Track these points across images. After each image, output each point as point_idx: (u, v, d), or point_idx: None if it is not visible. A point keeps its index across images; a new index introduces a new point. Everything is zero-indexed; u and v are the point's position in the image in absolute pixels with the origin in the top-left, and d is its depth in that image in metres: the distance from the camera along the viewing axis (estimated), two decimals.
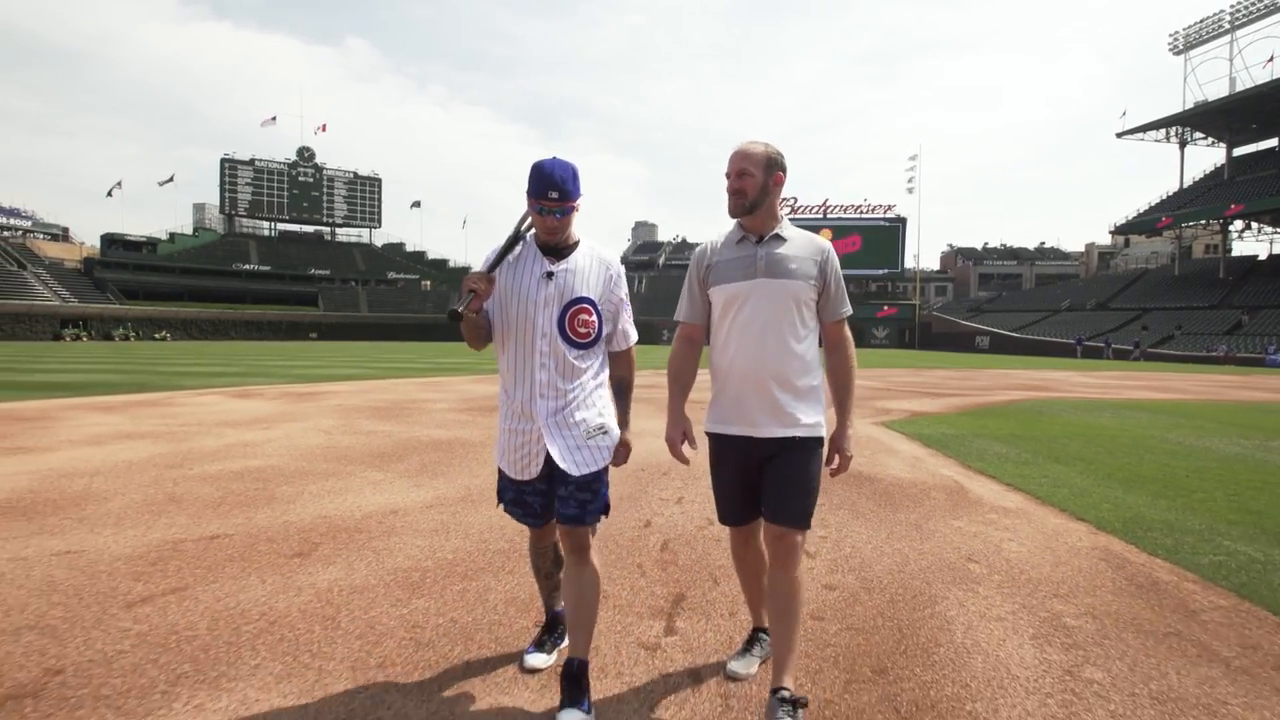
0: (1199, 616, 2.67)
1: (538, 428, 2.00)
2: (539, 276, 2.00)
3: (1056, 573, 3.16)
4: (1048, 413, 9.95)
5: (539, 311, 1.99)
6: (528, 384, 2.01)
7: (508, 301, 2.02)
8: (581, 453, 2.02)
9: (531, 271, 2.02)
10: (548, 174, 1.93)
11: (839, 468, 2.06)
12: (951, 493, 4.74)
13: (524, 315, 2.00)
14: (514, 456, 2.05)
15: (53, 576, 2.94)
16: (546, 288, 2.00)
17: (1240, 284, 52.71)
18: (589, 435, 2.04)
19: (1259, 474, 5.45)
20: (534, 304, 1.99)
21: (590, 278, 2.06)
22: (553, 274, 2.01)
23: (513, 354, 2.03)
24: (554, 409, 2.01)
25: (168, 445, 6.21)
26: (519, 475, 2.07)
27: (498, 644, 2.41)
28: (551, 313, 2.00)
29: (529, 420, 2.01)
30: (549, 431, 2.00)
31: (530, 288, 2.00)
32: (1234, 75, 57.27)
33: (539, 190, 1.93)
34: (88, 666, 2.18)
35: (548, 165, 1.95)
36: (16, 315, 54.00)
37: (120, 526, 3.69)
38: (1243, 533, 3.78)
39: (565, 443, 2.01)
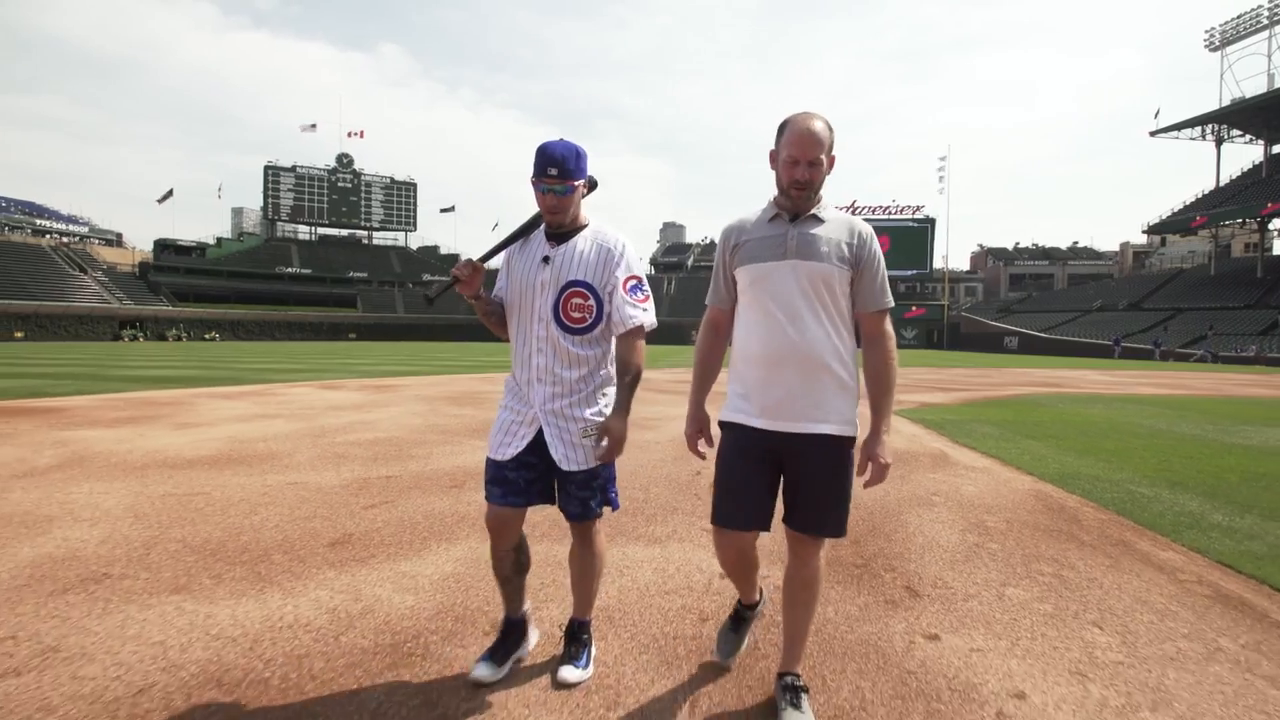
0: (1080, 523, 3.91)
1: (533, 412, 2.01)
2: (538, 261, 2.01)
3: (994, 501, 4.41)
4: (1045, 404, 11.03)
5: (536, 295, 2.00)
6: (527, 367, 2.03)
7: (513, 286, 2.05)
8: (574, 450, 2.00)
9: (534, 256, 2.03)
10: (549, 152, 1.93)
11: (873, 478, 1.86)
12: (936, 457, 5.97)
13: (525, 300, 2.02)
14: (500, 433, 2.05)
15: (301, 495, 4.37)
16: (543, 272, 1.99)
17: (1278, 283, 52.05)
18: (585, 434, 2.01)
19: (1198, 447, 6.56)
20: (532, 288, 2.00)
21: (589, 261, 2.01)
22: (549, 258, 2.00)
23: (516, 337, 2.06)
24: (551, 395, 2.00)
25: (302, 423, 7.71)
26: (498, 455, 2.03)
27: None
28: (548, 297, 1.99)
29: (526, 404, 2.03)
30: (544, 419, 2.00)
31: (530, 272, 2.01)
32: (1272, 71, 56.59)
33: (540, 168, 1.93)
34: (367, 533, 3.58)
35: (550, 144, 1.96)
36: (80, 317, 57.20)
37: (317, 470, 5.12)
38: (1148, 482, 4.97)
39: (560, 436, 2.00)
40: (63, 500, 4.13)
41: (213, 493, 4.38)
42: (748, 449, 1.87)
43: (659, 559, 3.22)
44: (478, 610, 2.60)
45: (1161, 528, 3.81)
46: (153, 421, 7.65)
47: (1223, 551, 3.38)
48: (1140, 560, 3.29)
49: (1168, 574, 3.10)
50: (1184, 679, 2.15)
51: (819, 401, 1.81)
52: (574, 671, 2.06)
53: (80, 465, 5.17)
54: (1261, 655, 2.32)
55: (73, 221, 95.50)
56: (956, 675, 2.16)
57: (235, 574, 2.95)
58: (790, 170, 1.81)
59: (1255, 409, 10.78)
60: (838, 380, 1.83)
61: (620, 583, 2.90)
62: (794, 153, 1.79)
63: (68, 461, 5.30)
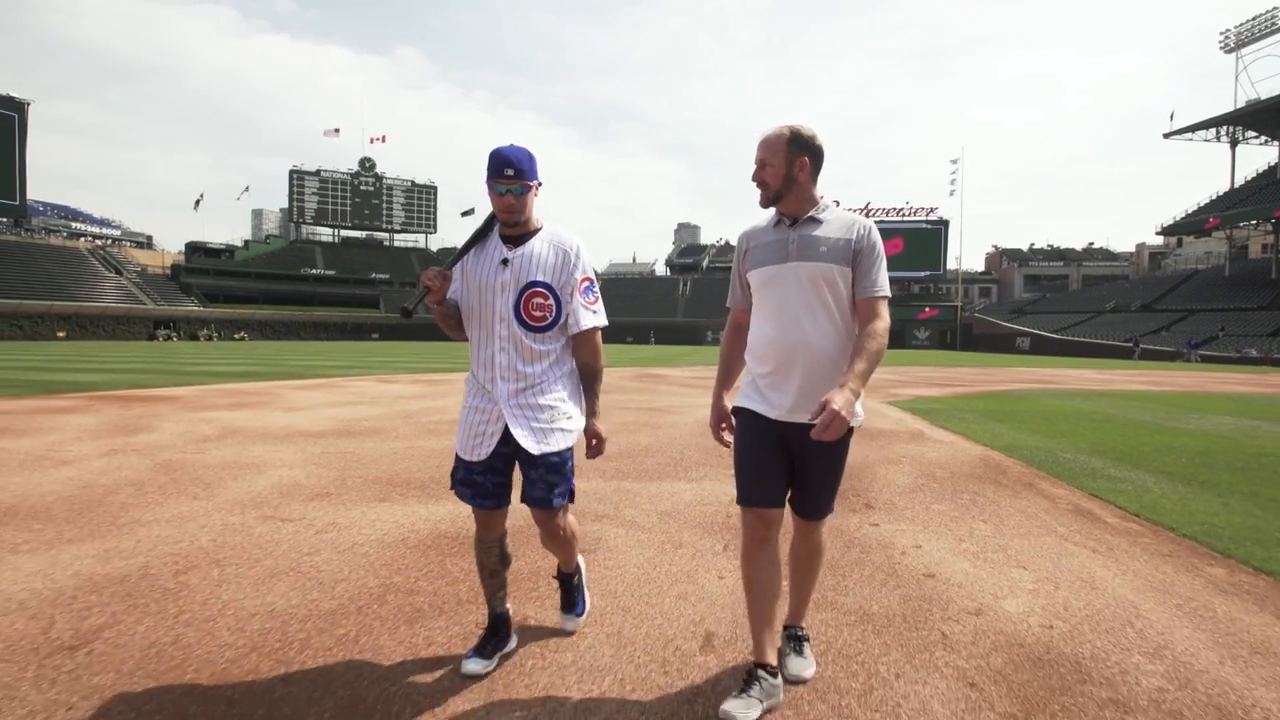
0: (1005, 473, 5.27)
1: (497, 408, 2.08)
2: (496, 263, 2.09)
3: (947, 461, 5.76)
4: (1028, 398, 12.30)
5: (496, 297, 2.08)
6: (489, 366, 2.10)
7: (471, 288, 2.12)
8: (546, 435, 2.09)
9: (491, 258, 2.10)
10: (503, 155, 2.01)
11: (820, 423, 1.73)
12: (913, 434, 7.32)
13: (484, 301, 2.09)
14: (468, 435, 2.12)
15: (423, 453, 5.81)
16: (503, 274, 2.07)
17: None
18: (552, 420, 2.10)
19: (1136, 429, 7.84)
20: (492, 290, 2.08)
21: (546, 262, 2.10)
22: (508, 260, 2.08)
23: (476, 337, 2.13)
24: (514, 390, 2.08)
25: (385, 408, 9.19)
26: (469, 455, 2.11)
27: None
28: (508, 298, 2.07)
29: (490, 400, 2.10)
30: (509, 413, 2.07)
31: (489, 274, 2.09)
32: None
33: (496, 170, 2.01)
34: None
35: (502, 149, 2.04)
36: (117, 317, 59.50)
37: (423, 439, 6.56)
38: (1076, 450, 6.29)
39: (528, 425, 2.07)
40: (253, 455, 5.61)
41: (357, 451, 5.84)
42: (759, 433, 2.01)
43: (696, 488, 4.62)
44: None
45: (1063, 476, 5.16)
46: (261, 406, 9.17)
47: (1096, 488, 4.73)
48: (1035, 492, 4.65)
49: (1049, 500, 4.47)
50: (1022, 543, 3.52)
51: (818, 393, 1.88)
52: (575, 620, 2.44)
53: (237, 435, 6.66)
54: (1080, 535, 3.67)
55: (105, 225, 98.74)
56: (883, 539, 3.54)
57: (410, 494, 4.39)
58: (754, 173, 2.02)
59: (1215, 402, 11.96)
60: (836, 371, 1.94)
61: (671, 501, 4.30)
62: (756, 156, 2.02)
63: (224, 433, 6.79)
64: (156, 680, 2.04)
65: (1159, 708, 1.96)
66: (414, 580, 2.88)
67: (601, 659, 2.22)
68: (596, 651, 2.27)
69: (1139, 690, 2.06)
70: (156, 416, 7.94)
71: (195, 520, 3.72)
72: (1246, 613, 2.65)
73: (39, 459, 5.32)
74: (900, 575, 3.03)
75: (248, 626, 2.41)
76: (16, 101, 64.01)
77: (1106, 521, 3.97)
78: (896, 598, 2.76)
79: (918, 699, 1.99)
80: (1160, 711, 1.94)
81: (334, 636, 2.35)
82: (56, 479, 4.65)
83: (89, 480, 4.63)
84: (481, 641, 2.22)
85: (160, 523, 3.66)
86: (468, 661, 2.14)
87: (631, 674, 2.13)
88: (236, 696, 1.97)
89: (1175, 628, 2.50)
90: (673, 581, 2.93)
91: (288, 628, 2.41)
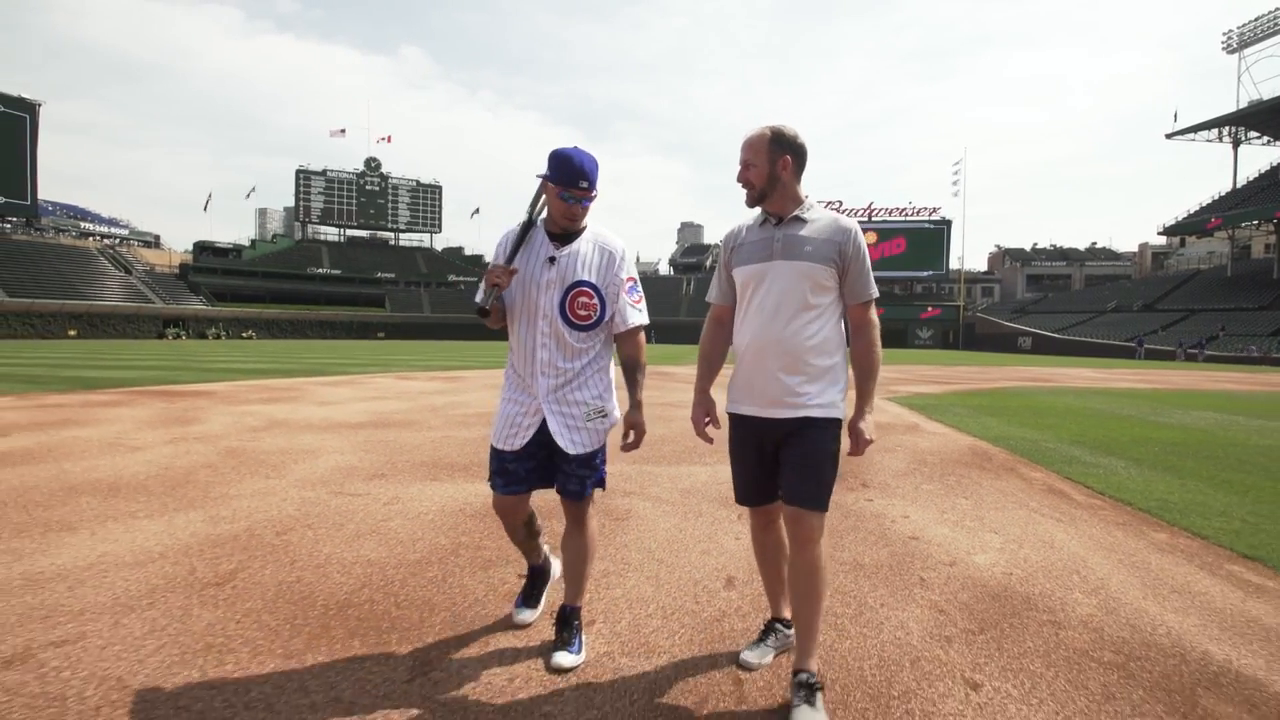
0: (991, 459, 5.80)
1: (536, 403, 2.15)
2: (543, 261, 2.13)
3: (938, 450, 6.28)
4: (1021, 394, 12.81)
5: (542, 294, 2.12)
6: (530, 361, 2.16)
7: (516, 283, 2.15)
8: (579, 433, 2.15)
9: (538, 255, 2.15)
10: (578, 165, 2.04)
11: (853, 449, 2.01)
12: (909, 426, 7.84)
13: (529, 297, 2.14)
14: (505, 425, 2.19)
15: (458, 442, 6.35)
16: (549, 271, 2.12)
17: None
18: (588, 418, 2.16)
19: (1119, 422, 8.35)
20: (538, 286, 2.12)
21: (591, 262, 2.15)
22: (555, 259, 2.13)
23: (519, 332, 2.18)
24: (553, 386, 2.15)
25: (412, 402, 9.74)
26: (504, 445, 2.18)
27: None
28: (553, 296, 2.12)
29: (530, 395, 2.17)
30: (548, 408, 2.14)
31: (535, 271, 2.13)
32: None
33: (569, 179, 2.04)
34: None
35: (576, 156, 2.05)
36: (127, 316, 60.19)
37: (455, 430, 7.10)
38: (1059, 440, 6.81)
39: (564, 421, 2.15)
40: (305, 444, 6.16)
41: (396, 440, 6.39)
42: (746, 437, 2.11)
43: (710, 470, 5.16)
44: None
45: (1042, 462, 5.69)
46: (294, 401, 9.72)
47: (1070, 472, 5.25)
48: (1015, 475, 5.18)
49: (1026, 481, 4.99)
50: (997, 515, 4.05)
51: (804, 389, 1.97)
52: (569, 657, 2.14)
53: (282, 427, 7.21)
54: (1048, 508, 4.20)
55: (113, 224, 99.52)
56: (876, 511, 4.07)
57: (455, 475, 4.93)
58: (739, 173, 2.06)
59: (1201, 399, 12.46)
60: (819, 369, 1.99)
61: (689, 481, 4.83)
62: (740, 157, 2.06)
63: (270, 425, 7.34)
64: (295, 606, 2.58)
65: (1085, 626, 2.49)
66: (479, 539, 3.42)
67: (645, 593, 2.76)
68: (640, 589, 2.81)
69: (1072, 615, 2.59)
70: (201, 410, 8.49)
71: (275, 495, 4.27)
72: (1176, 565, 3.17)
73: (112, 446, 5.87)
74: (889, 537, 3.56)
75: (352, 571, 2.96)
76: (28, 103, 64.77)
77: (1074, 498, 4.50)
78: (885, 553, 3.30)
79: (898, 619, 2.52)
80: (1086, 629, 2.47)
81: (424, 578, 2.89)
82: (137, 462, 5.20)
83: (166, 464, 5.18)
84: (525, 592, 2.48)
85: (244, 497, 4.21)
86: (519, 612, 2.41)
87: (670, 604, 2.66)
88: (362, 616, 2.51)
89: (1113, 575, 3.03)
90: (696, 541, 3.47)
91: (385, 572, 2.95)
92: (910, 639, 2.37)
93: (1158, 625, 2.51)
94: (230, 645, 2.26)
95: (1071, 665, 2.20)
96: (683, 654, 2.26)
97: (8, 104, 63.25)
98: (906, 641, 2.35)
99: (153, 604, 2.57)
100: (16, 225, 65.88)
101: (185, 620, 2.44)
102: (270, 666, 2.12)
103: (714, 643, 2.34)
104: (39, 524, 3.56)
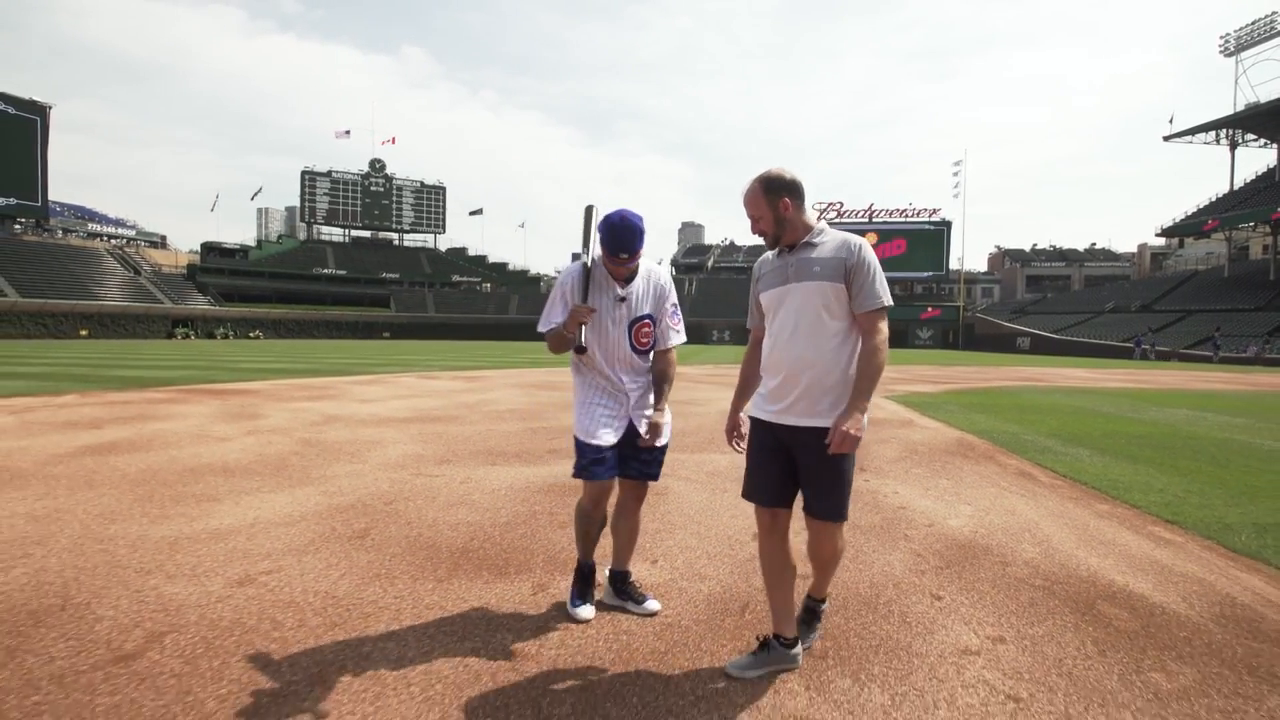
0: (974, 449, 6.61)
1: (625, 409, 2.64)
2: (613, 300, 2.57)
3: (928, 442, 7.09)
4: (1012, 393, 13.61)
5: (615, 327, 2.58)
6: (614, 381, 2.62)
7: (594, 318, 2.53)
8: (660, 430, 2.62)
9: (607, 294, 2.58)
10: (620, 239, 2.42)
11: (834, 443, 2.05)
12: (903, 421, 8.65)
13: (603, 328, 2.57)
14: (600, 426, 2.59)
15: (504, 434, 7.15)
16: (619, 309, 2.58)
17: None
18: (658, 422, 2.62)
19: (1097, 418, 9.15)
20: (612, 320, 2.57)
21: (647, 298, 2.62)
22: (624, 298, 2.58)
23: (599, 357, 2.61)
24: (635, 399, 2.65)
25: (445, 399, 10.55)
26: (602, 440, 2.58)
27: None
28: (623, 327, 2.59)
29: (619, 404, 2.64)
30: (635, 415, 2.64)
31: (608, 308, 2.57)
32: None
33: (614, 250, 2.44)
34: (560, 449, 6.35)
35: (621, 227, 2.43)
36: (137, 316, 61.04)
37: (493, 424, 7.91)
38: (1037, 434, 7.62)
39: (641, 424, 2.63)
40: (368, 436, 6.97)
41: (447, 433, 7.20)
42: (763, 439, 2.29)
43: (730, 458, 5.96)
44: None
45: (1018, 451, 6.50)
46: (336, 398, 10.54)
47: (1041, 460, 6.06)
48: (991, 462, 5.99)
49: (1001, 466, 5.80)
50: (972, 491, 4.86)
51: (816, 401, 2.16)
52: (654, 603, 2.73)
53: (338, 422, 8.01)
54: (1016, 487, 5.01)
55: (120, 225, 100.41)
56: (870, 488, 4.88)
57: (512, 461, 5.74)
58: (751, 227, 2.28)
59: (1180, 398, 13.25)
60: (833, 381, 2.15)
61: (712, 466, 5.64)
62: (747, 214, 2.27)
63: (327, 420, 8.15)
64: (426, 552, 3.39)
65: (1026, 564, 3.30)
66: (550, 508, 4.23)
67: (691, 543, 3.58)
68: (686, 541, 3.62)
69: (1018, 558, 3.40)
70: (256, 406, 9.31)
71: (366, 476, 5.07)
72: (1109, 527, 3.98)
73: (200, 437, 6.68)
74: (881, 507, 4.37)
75: (459, 529, 3.76)
76: (39, 105, 65.69)
77: (1040, 480, 5.30)
78: (878, 518, 4.10)
79: (885, 560, 3.33)
80: (1026, 566, 3.28)
81: (516, 534, 3.70)
82: (232, 450, 6.01)
83: (258, 451, 5.99)
84: (579, 590, 2.73)
85: (341, 477, 5.02)
86: (579, 609, 2.66)
87: (711, 550, 3.48)
88: (480, 558, 3.31)
89: (1057, 533, 3.84)
90: (725, 508, 4.28)
91: (483, 530, 3.76)
92: (893, 571, 3.19)
93: (1081, 564, 3.32)
94: (393, 574, 3.07)
95: (1011, 587, 3.01)
96: (726, 580, 3.07)
97: (19, 106, 64.17)
98: (890, 572, 3.17)
99: (318, 550, 3.38)
100: (27, 226, 66.78)
101: (350, 559, 3.25)
102: (430, 586, 2.94)
103: (748, 574, 3.14)
104: (187, 497, 4.37)
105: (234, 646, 2.37)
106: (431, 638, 2.47)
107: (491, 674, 2.22)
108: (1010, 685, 2.18)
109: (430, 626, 2.55)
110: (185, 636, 2.43)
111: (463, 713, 1.99)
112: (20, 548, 3.33)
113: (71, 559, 3.19)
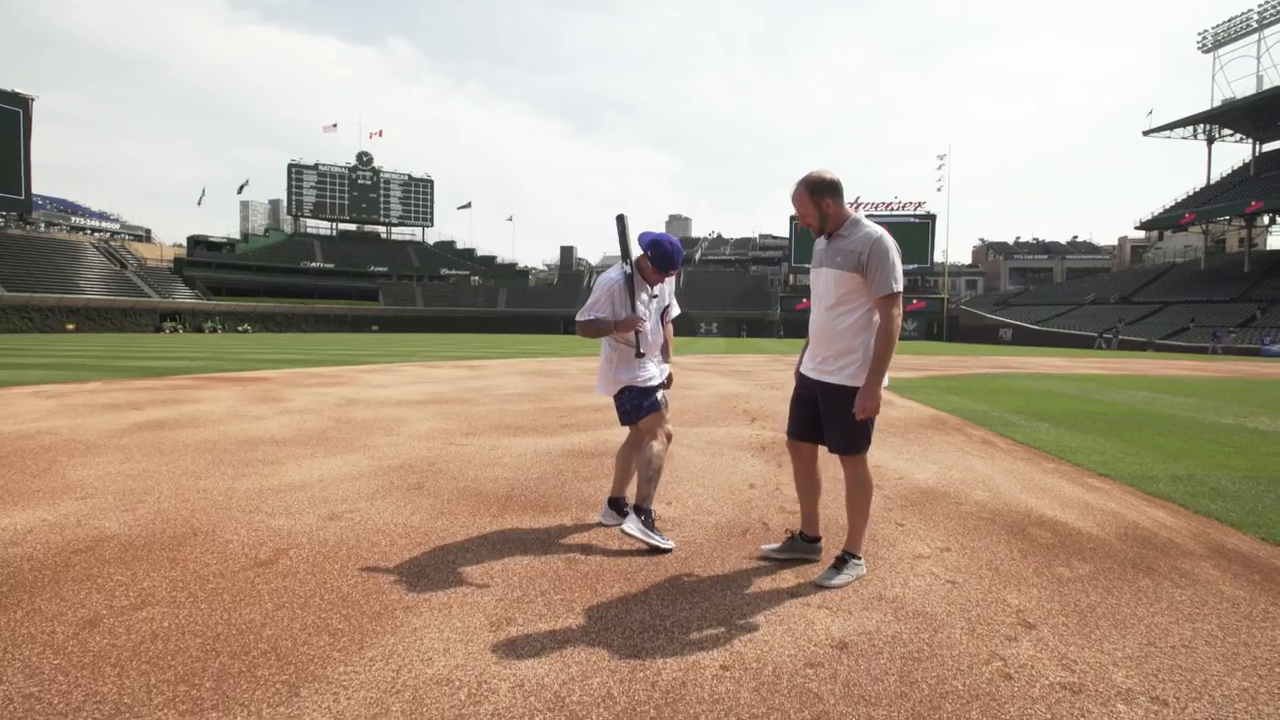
0: (945, 424, 7.32)
1: (660, 368, 3.42)
2: (648, 298, 3.31)
3: (904, 418, 7.79)
4: (989, 378, 14.40)
5: (650, 317, 3.34)
6: (652, 352, 3.35)
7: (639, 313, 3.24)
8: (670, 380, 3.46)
9: (644, 293, 3.28)
10: (670, 259, 3.16)
11: (858, 409, 2.62)
12: (883, 402, 9.33)
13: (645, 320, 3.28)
14: (650, 374, 3.28)
15: (518, 413, 7.77)
16: (651, 305, 3.34)
17: (1264, 278, 54.88)
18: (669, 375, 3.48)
19: (1061, 399, 9.92)
20: (650, 312, 3.33)
21: (666, 290, 3.45)
22: (655, 296, 3.36)
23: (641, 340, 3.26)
24: (658, 362, 3.41)
25: (453, 385, 11.14)
26: (656, 382, 3.30)
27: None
28: (654, 316, 3.37)
29: (658, 368, 3.39)
30: (660, 370, 3.38)
31: (645, 303, 3.28)
32: (1261, 73, 59.34)
33: (664, 268, 3.20)
34: (574, 424, 6.98)
35: (671, 254, 3.17)
36: (124, 310, 60.80)
37: (507, 405, 8.52)
38: (1004, 411, 8.35)
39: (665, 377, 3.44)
40: (392, 415, 7.57)
41: (464, 412, 7.81)
42: (800, 389, 2.91)
43: (725, 430, 6.63)
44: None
45: (984, 424, 7.22)
46: (350, 385, 11.10)
47: (1004, 431, 6.78)
48: (959, 433, 6.70)
49: (967, 436, 6.51)
50: (939, 454, 5.55)
51: (834, 362, 2.70)
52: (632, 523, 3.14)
53: (360, 404, 8.59)
54: (977, 452, 5.71)
55: (104, 218, 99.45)
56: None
57: (530, 433, 6.37)
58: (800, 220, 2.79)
59: (1144, 382, 14.10)
60: (845, 348, 2.67)
61: (710, 437, 6.29)
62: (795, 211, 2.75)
63: (349, 403, 8.72)
64: (476, 498, 4.02)
65: (976, 504, 3.99)
66: (574, 468, 4.88)
67: (698, 490, 4.24)
68: (693, 488, 4.29)
69: (970, 499, 4.10)
70: (277, 391, 9.86)
71: (404, 445, 5.69)
72: (1051, 479, 4.69)
73: (237, 416, 7.25)
74: None
75: (499, 482, 4.40)
76: (21, 97, 64.99)
77: (999, 446, 6.02)
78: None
79: None
80: (976, 505, 3.97)
81: (547, 484, 4.34)
82: (274, 427, 6.59)
83: (297, 427, 6.58)
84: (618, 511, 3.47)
85: (381, 446, 5.63)
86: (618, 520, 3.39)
87: (715, 495, 4.14)
88: (524, 503, 3.95)
89: (1005, 483, 4.54)
90: (724, 466, 4.95)
91: (519, 483, 4.40)
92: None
93: (1020, 503, 4.02)
94: (454, 512, 3.71)
95: (961, 519, 3.70)
96: (729, 514, 3.75)
97: (1, 99, 63.49)
98: None
99: (384, 496, 4.01)
100: (10, 220, 66.20)
101: (414, 503, 3.88)
102: (487, 519, 3.58)
103: (748, 510, 3.82)
104: (253, 460, 4.98)
105: (347, 555, 3.00)
106: (500, 549, 3.11)
107: (555, 570, 2.87)
108: (950, 575, 2.87)
109: (496, 544, 3.20)
110: (304, 551, 3.05)
111: (537, 592, 2.64)
112: (133, 496, 3.93)
113: (180, 503, 3.79)
